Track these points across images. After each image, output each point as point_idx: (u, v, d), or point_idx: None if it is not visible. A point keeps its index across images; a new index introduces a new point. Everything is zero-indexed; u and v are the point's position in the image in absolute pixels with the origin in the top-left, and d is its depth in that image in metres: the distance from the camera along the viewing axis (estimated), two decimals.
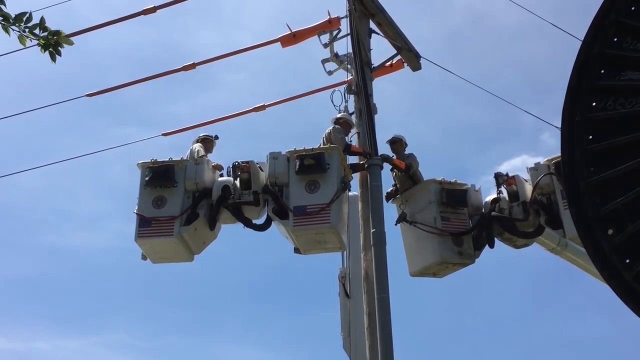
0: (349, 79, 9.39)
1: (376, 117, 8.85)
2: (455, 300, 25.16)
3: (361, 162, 8.67)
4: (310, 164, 8.07)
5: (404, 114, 26.92)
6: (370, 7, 9.24)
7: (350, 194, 9.17)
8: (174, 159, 8.60)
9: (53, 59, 4.11)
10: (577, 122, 3.86)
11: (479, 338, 24.28)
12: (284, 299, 27.31)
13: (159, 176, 8.43)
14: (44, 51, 4.08)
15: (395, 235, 8.76)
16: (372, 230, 7.99)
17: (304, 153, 8.19)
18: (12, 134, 25.76)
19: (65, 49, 4.26)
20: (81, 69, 24.93)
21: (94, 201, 28.29)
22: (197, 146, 8.87)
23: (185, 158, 8.72)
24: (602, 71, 3.75)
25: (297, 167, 8.10)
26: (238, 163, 8.46)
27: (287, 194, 8.15)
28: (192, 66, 10.31)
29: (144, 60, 26.74)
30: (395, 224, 8.76)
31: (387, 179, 8.78)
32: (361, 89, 8.71)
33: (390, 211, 9.00)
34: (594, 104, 3.80)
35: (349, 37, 9.15)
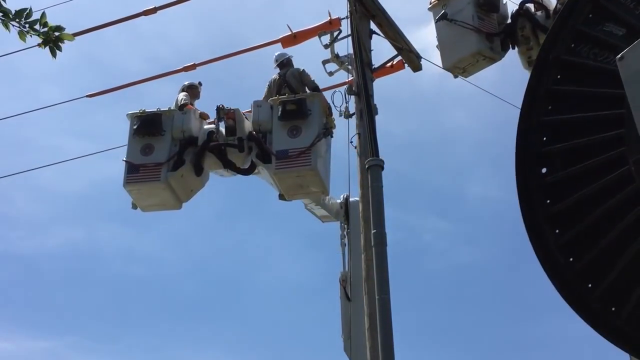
0: (349, 79, 9.38)
1: (377, 118, 8.83)
2: (456, 299, 25.18)
3: None
4: (292, 110, 8.40)
5: (404, 114, 26.92)
6: (371, 8, 9.23)
7: (351, 199, 9.27)
8: (161, 109, 8.84)
9: (54, 54, 4.10)
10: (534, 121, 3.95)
11: (480, 337, 24.27)
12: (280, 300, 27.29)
13: (146, 124, 8.69)
14: (44, 47, 4.07)
15: (396, 236, 8.80)
16: (372, 231, 7.96)
17: (286, 99, 8.51)
18: (12, 134, 25.79)
19: (67, 47, 4.26)
20: (81, 68, 24.96)
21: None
22: (182, 95, 9.12)
23: (172, 108, 8.96)
24: (590, 15, 3.84)
25: (280, 113, 8.41)
26: (222, 106, 8.68)
27: (270, 139, 8.48)
28: (193, 67, 10.33)
29: (146, 60, 26.76)
30: (436, 22, 9.73)
31: (387, 180, 8.77)
32: (362, 90, 8.68)
33: (390, 212, 9.02)
34: (558, 76, 3.89)
35: (349, 38, 9.15)
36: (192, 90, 9.37)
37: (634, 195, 3.44)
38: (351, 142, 8.67)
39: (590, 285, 3.66)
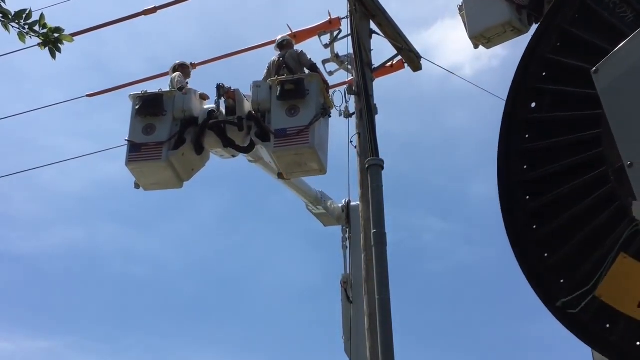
0: (349, 79, 9.38)
1: (377, 118, 8.82)
2: (456, 299, 25.17)
3: None
4: (291, 89, 8.53)
5: (405, 114, 26.90)
6: (371, 8, 9.21)
7: (352, 203, 9.31)
8: (163, 90, 9.02)
9: (53, 56, 4.09)
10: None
11: (480, 337, 24.26)
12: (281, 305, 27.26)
13: (148, 105, 8.85)
14: (44, 48, 4.06)
15: (396, 236, 8.83)
16: (372, 231, 7.96)
17: (284, 80, 8.63)
18: (12, 134, 25.77)
19: (68, 48, 4.25)
20: (82, 68, 24.94)
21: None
22: (177, 75, 9.23)
23: (170, 88, 9.12)
24: None
25: (279, 92, 8.54)
26: (222, 84, 8.84)
27: (269, 119, 8.60)
28: (193, 66, 10.32)
29: (146, 60, 26.73)
30: None
31: (387, 180, 8.79)
32: (362, 90, 8.67)
33: (390, 212, 9.04)
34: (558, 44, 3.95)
35: (349, 37, 9.15)
36: (184, 69, 9.56)
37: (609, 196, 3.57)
38: (351, 142, 8.67)
39: (546, 255, 3.88)
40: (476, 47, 9.81)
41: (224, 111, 8.91)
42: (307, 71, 9.04)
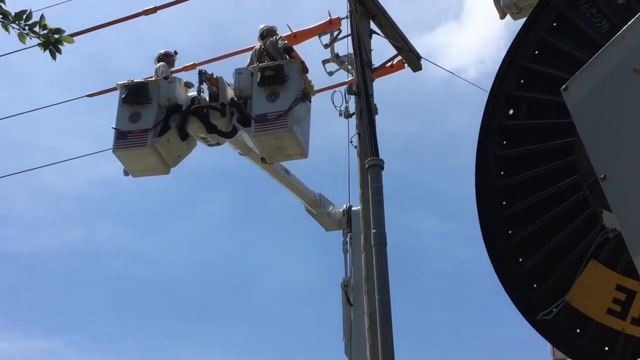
0: (349, 79, 9.38)
1: (377, 118, 8.82)
2: (456, 299, 25.17)
3: None
4: (270, 75, 8.72)
5: (406, 114, 26.90)
6: (371, 8, 9.22)
7: (353, 208, 9.34)
8: (149, 79, 9.25)
9: (53, 57, 4.09)
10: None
11: (480, 337, 24.26)
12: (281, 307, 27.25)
13: (134, 93, 9.07)
14: (44, 49, 4.06)
15: (395, 237, 8.85)
16: (372, 231, 7.96)
17: (264, 66, 8.81)
18: (12, 134, 25.77)
19: (68, 48, 4.24)
20: (81, 68, 24.94)
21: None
22: (161, 65, 9.41)
23: (155, 77, 9.30)
24: None
25: (259, 79, 8.74)
26: (204, 70, 9.12)
27: (250, 105, 8.82)
28: (193, 67, 10.36)
29: (146, 60, 26.72)
30: None
31: (387, 179, 8.80)
32: (362, 90, 8.68)
33: (390, 213, 9.03)
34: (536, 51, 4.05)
35: (349, 37, 9.16)
36: (168, 59, 9.76)
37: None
38: (351, 142, 8.68)
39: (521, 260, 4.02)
40: (502, 17, 9.67)
41: (206, 97, 9.17)
42: (287, 56, 9.15)
